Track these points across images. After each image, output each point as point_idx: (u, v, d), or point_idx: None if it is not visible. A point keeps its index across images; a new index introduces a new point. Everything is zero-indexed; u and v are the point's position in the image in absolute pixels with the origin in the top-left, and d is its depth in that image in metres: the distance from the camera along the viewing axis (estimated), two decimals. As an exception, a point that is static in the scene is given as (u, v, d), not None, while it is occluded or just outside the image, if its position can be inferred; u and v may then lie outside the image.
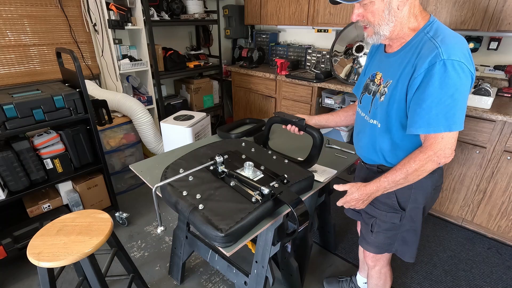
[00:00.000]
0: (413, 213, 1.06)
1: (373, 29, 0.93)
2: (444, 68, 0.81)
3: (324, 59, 2.86)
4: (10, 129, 1.54)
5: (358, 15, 0.92)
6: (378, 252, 1.17)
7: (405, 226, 1.09)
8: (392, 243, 1.13)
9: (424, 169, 0.90)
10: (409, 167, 0.91)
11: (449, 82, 0.81)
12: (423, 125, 0.86)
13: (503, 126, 1.74)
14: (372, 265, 1.26)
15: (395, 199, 1.05)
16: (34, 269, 1.76)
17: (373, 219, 1.13)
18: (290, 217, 1.45)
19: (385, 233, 1.11)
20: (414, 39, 0.91)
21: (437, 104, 0.83)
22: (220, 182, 1.08)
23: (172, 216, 2.25)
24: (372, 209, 1.11)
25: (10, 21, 2.14)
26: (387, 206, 1.08)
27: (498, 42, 2.02)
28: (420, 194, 1.03)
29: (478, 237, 2.03)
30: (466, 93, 0.84)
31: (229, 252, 0.87)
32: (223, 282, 1.70)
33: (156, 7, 2.64)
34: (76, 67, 1.68)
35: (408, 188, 1.01)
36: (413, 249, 1.13)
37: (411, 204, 1.05)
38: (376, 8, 0.88)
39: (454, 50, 0.81)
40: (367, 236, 1.17)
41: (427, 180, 1.00)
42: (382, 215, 1.09)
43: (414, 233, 1.10)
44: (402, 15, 0.89)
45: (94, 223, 1.22)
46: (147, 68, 2.65)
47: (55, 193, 1.99)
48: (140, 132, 2.45)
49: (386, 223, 1.10)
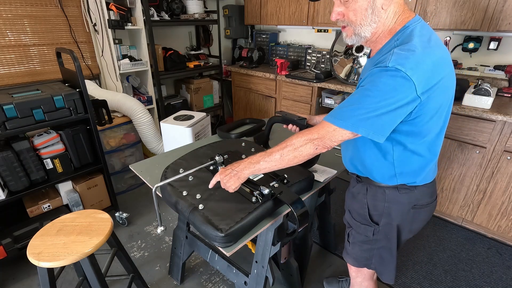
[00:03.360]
0: (386, 230, 1.02)
1: (354, 29, 0.86)
2: (380, 73, 0.76)
3: (324, 59, 2.86)
4: (10, 129, 1.54)
5: (338, 13, 0.85)
6: (357, 265, 1.16)
7: (380, 242, 1.05)
8: (369, 258, 1.11)
9: (302, 149, 0.84)
10: (289, 143, 0.86)
11: (376, 84, 0.76)
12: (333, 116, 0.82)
13: (503, 126, 1.74)
14: (354, 275, 1.25)
15: (367, 210, 1.03)
16: (34, 269, 1.76)
17: (349, 228, 1.13)
18: (290, 217, 1.45)
19: (360, 246, 1.10)
20: (385, 46, 0.85)
21: (351, 100, 0.81)
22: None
23: (172, 216, 2.25)
24: (351, 219, 1.11)
25: (10, 21, 2.14)
26: (361, 217, 1.06)
27: (498, 42, 2.02)
28: (393, 210, 0.99)
29: (478, 237, 2.03)
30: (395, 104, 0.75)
31: (229, 252, 0.87)
32: (223, 282, 1.70)
33: (156, 7, 2.64)
34: (76, 67, 1.68)
35: (381, 201, 0.99)
36: (390, 268, 1.09)
37: (384, 219, 1.01)
38: (359, 6, 0.81)
39: (405, 60, 0.74)
40: (346, 246, 1.17)
41: (402, 196, 0.97)
42: (356, 225, 1.08)
43: (389, 251, 1.06)
44: (386, 15, 0.82)
45: (94, 223, 1.22)
46: (147, 68, 2.65)
47: (55, 193, 1.99)
48: (140, 132, 2.45)
49: (360, 235, 1.08)
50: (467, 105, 1.84)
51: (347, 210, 1.14)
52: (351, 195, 1.11)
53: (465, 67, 2.22)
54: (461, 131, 1.89)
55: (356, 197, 1.07)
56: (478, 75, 2.20)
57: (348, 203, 1.14)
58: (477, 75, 2.20)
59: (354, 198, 1.08)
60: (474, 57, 2.19)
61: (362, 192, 1.04)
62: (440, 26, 2.00)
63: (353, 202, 1.09)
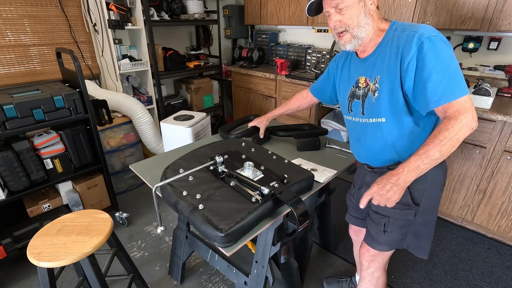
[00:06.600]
0: (427, 206, 1.05)
1: (352, 33, 0.97)
2: (432, 43, 0.86)
3: (324, 59, 2.86)
4: (10, 129, 1.54)
5: (336, 21, 0.97)
6: (390, 249, 1.15)
7: (418, 220, 1.07)
8: (403, 239, 1.11)
9: (458, 137, 0.84)
10: (442, 137, 0.84)
11: (442, 54, 0.86)
12: (442, 97, 0.86)
13: (503, 126, 1.74)
14: (366, 266, 1.23)
15: (409, 195, 1.04)
16: (34, 269, 1.76)
17: (385, 218, 1.09)
18: (290, 217, 1.45)
19: (399, 230, 1.09)
20: (385, 37, 0.98)
21: (443, 75, 0.85)
22: (220, 182, 1.08)
23: (172, 216, 2.25)
24: (384, 208, 1.07)
25: (10, 21, 2.14)
26: (401, 204, 1.04)
27: (498, 42, 2.02)
28: (434, 186, 1.04)
29: (478, 237, 2.03)
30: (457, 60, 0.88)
31: (229, 252, 0.87)
32: (223, 282, 1.70)
33: (156, 7, 2.64)
34: (76, 67, 1.68)
35: (422, 182, 1.01)
36: (426, 243, 1.11)
37: (426, 197, 1.04)
38: (354, 11, 0.94)
39: (430, 30, 0.88)
40: (378, 237, 1.13)
41: (438, 170, 1.02)
42: (396, 213, 1.07)
43: (427, 225, 1.08)
44: (373, 19, 0.98)
45: (94, 223, 1.22)
46: (147, 68, 2.65)
47: (55, 193, 1.99)
48: (140, 132, 2.45)
49: (400, 220, 1.07)
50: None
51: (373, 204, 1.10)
52: None
53: (465, 67, 2.22)
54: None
55: None
56: (478, 75, 2.20)
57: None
58: (477, 75, 2.20)
59: None
60: (474, 57, 2.19)
61: None
62: (440, 26, 2.00)
63: None
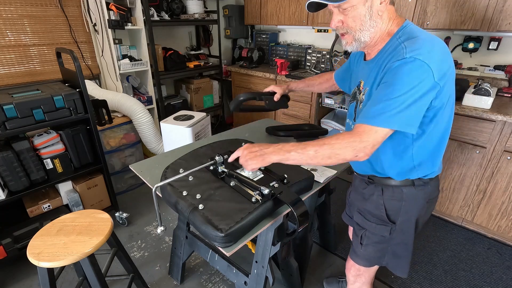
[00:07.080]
0: (404, 227, 1.03)
1: (354, 36, 0.90)
2: (401, 66, 0.79)
3: (324, 59, 2.86)
4: (10, 129, 1.54)
5: (338, 21, 0.90)
6: (368, 265, 1.15)
7: (395, 240, 1.05)
8: (382, 256, 1.10)
9: (339, 152, 0.82)
10: (326, 142, 0.83)
11: (403, 80, 0.78)
12: (364, 117, 0.83)
13: (503, 126, 1.74)
14: (352, 280, 1.23)
15: (384, 211, 1.03)
16: (34, 269, 1.76)
17: (363, 230, 1.10)
18: (290, 217, 1.45)
19: (375, 246, 1.08)
20: (388, 44, 0.89)
21: (383, 99, 0.81)
22: (220, 182, 1.08)
23: (172, 216, 2.25)
24: (363, 220, 1.09)
25: (10, 21, 2.14)
26: (377, 218, 1.05)
27: (498, 42, 2.02)
28: (411, 207, 1.00)
29: (478, 237, 2.03)
30: (419, 92, 0.78)
31: (229, 252, 0.87)
32: (223, 282, 1.70)
33: (156, 7, 2.64)
34: (76, 67, 1.68)
35: (398, 200, 1.00)
36: (404, 263, 1.09)
37: (402, 217, 1.01)
38: (358, 13, 0.85)
39: (419, 50, 0.78)
40: (357, 249, 1.14)
41: (419, 192, 0.98)
42: (371, 226, 1.06)
43: (405, 247, 1.06)
44: (382, 21, 0.88)
45: (94, 223, 1.22)
46: (147, 68, 2.65)
47: (55, 193, 1.99)
48: (140, 132, 2.45)
49: (376, 235, 1.06)
50: (467, 105, 1.84)
51: (356, 212, 1.12)
52: (361, 197, 1.10)
53: (465, 67, 2.22)
54: (461, 131, 1.89)
55: (369, 198, 1.06)
56: (478, 75, 2.20)
57: (357, 204, 1.12)
58: (477, 75, 2.20)
59: (367, 199, 1.07)
60: (474, 57, 2.19)
61: (376, 193, 1.04)
62: (440, 26, 2.00)
63: (365, 203, 1.08)
